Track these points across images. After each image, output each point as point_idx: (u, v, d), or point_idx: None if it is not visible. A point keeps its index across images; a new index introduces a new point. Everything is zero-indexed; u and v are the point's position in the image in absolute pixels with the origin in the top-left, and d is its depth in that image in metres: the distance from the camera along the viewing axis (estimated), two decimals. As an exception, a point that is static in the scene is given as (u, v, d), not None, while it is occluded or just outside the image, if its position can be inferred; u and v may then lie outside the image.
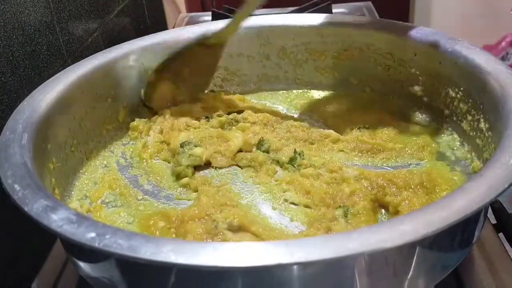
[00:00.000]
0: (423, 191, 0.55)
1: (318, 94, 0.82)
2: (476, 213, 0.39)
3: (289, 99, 0.82)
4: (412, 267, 0.43)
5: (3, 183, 0.45)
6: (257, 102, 0.81)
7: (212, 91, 0.81)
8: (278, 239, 0.51)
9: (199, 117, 0.73)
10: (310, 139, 0.69)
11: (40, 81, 0.63)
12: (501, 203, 0.63)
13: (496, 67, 0.57)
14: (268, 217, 0.57)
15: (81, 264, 0.47)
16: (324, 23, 0.78)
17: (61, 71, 0.66)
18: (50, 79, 0.63)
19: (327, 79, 0.81)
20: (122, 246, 0.37)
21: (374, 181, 0.58)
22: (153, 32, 0.78)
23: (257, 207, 0.59)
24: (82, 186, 0.63)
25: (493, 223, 0.62)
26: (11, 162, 0.48)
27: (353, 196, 0.56)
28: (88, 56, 0.70)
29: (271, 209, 0.58)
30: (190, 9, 1.80)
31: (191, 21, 1.35)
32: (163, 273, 0.40)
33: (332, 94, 0.81)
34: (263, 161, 0.65)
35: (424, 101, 0.71)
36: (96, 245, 0.37)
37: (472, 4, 2.12)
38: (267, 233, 0.53)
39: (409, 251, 0.42)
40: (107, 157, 0.69)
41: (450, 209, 0.38)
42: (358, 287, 0.41)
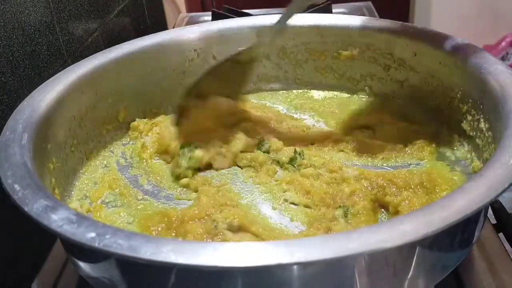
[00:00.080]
0: (423, 191, 0.55)
1: (318, 94, 0.82)
2: (476, 213, 0.39)
3: (289, 99, 0.81)
4: (412, 267, 0.43)
5: (3, 183, 0.45)
6: (257, 102, 0.81)
7: None
8: (278, 239, 0.51)
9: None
10: (310, 139, 0.69)
11: (40, 81, 0.63)
12: (501, 203, 0.63)
13: (496, 67, 0.57)
14: (268, 217, 0.57)
15: (81, 264, 0.47)
16: (324, 23, 0.78)
17: (61, 71, 0.66)
18: (50, 79, 0.63)
19: (327, 79, 0.81)
20: (122, 246, 0.37)
21: (374, 181, 0.58)
22: (153, 32, 0.78)
23: (257, 207, 0.59)
24: (82, 186, 0.63)
25: (493, 223, 0.62)
26: (11, 162, 0.48)
27: (353, 196, 0.56)
28: (88, 56, 0.70)
29: (271, 209, 0.58)
30: (190, 9, 1.81)
31: (191, 21, 1.35)
32: (163, 273, 0.40)
33: (332, 94, 0.81)
34: (263, 161, 0.65)
35: (424, 101, 0.71)
36: (96, 245, 0.37)
37: (472, 4, 2.12)
38: (267, 233, 0.53)
39: (409, 251, 0.42)
40: (107, 157, 0.69)
41: (450, 209, 0.38)
42: (358, 287, 0.41)
